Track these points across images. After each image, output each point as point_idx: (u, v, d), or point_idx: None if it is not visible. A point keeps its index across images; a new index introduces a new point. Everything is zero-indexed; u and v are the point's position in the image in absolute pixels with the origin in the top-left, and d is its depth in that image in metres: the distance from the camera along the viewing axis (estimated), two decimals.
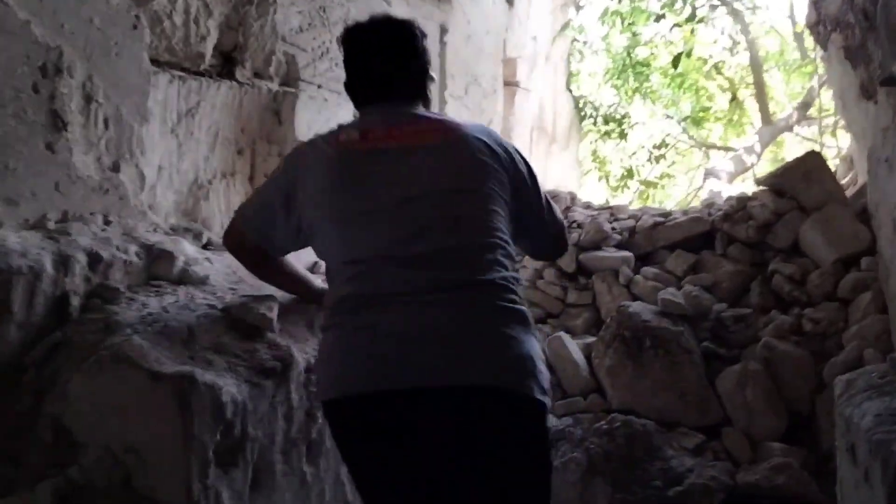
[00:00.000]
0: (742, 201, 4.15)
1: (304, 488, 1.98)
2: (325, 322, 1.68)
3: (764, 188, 4.07)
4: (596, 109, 9.88)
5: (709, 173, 8.45)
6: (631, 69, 10.66)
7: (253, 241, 1.83)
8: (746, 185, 7.65)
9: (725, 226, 4.09)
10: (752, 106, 11.20)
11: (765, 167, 9.05)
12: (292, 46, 2.92)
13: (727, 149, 10.42)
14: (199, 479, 1.56)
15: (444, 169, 1.66)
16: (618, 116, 10.08)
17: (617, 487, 2.82)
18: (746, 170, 8.70)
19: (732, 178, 8.35)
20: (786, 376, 3.18)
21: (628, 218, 4.51)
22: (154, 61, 2.23)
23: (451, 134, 1.70)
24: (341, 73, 1.86)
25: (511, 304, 1.58)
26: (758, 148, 9.13)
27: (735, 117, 11.53)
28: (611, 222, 4.40)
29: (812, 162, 3.87)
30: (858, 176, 4.11)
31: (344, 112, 3.25)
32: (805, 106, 9.42)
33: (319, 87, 3.06)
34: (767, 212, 3.95)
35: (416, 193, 1.62)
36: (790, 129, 9.70)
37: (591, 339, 3.71)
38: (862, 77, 3.34)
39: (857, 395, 2.18)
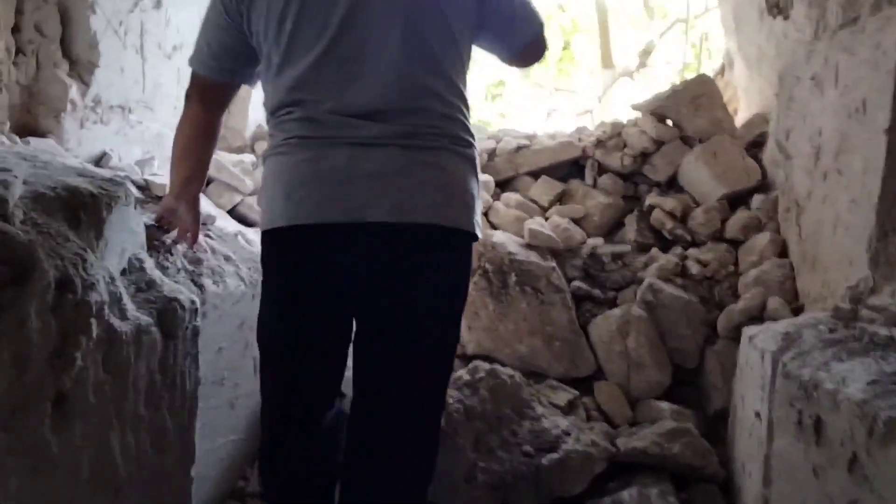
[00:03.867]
0: (617, 127, 3.65)
1: (43, 466, 1.24)
2: (267, 152, 1.69)
3: (642, 115, 3.57)
4: None
5: (551, 111, 8.13)
6: None
7: (199, 75, 1.85)
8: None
9: (598, 153, 3.58)
10: (585, 50, 10.97)
11: (603, 111, 8.86)
12: None
13: (567, 91, 10.17)
14: None
15: (402, 9, 1.61)
16: None
17: (479, 453, 2.23)
18: (587, 111, 8.47)
19: (576, 117, 8.06)
20: (672, 324, 2.71)
21: (487, 139, 3.90)
22: None
23: None
24: None
25: (457, 149, 1.66)
26: (599, 91, 8.96)
27: (565, 63, 11.30)
28: None
29: (703, 86, 3.40)
30: (746, 106, 3.72)
31: None
32: (645, 53, 9.43)
33: None
34: (646, 140, 3.47)
35: (373, 42, 1.60)
36: (630, 75, 9.59)
37: None
38: None
39: (812, 353, 1.69)
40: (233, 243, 2.19)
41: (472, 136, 1.72)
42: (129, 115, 2.42)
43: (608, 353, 2.70)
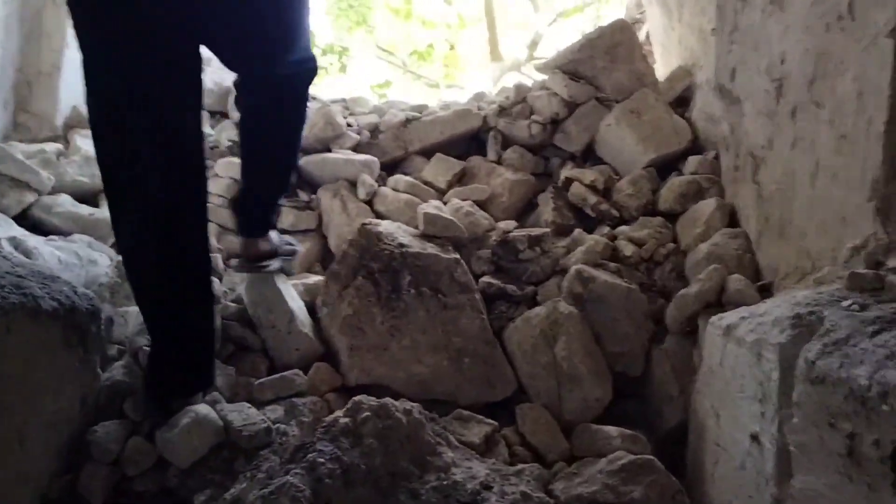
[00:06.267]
0: (522, 91, 3.08)
1: None
2: None
3: (551, 75, 2.99)
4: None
5: None
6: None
7: None
8: None
9: (501, 123, 2.99)
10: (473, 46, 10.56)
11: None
12: None
13: (458, 87, 9.71)
14: None
15: None
16: (338, 49, 9.30)
17: None
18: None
19: None
20: (610, 321, 2.11)
21: (369, 112, 3.27)
22: None
23: None
24: None
25: None
26: (489, 85, 8.54)
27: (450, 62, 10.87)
28: (345, 117, 3.13)
29: (621, 34, 2.84)
30: (664, 62, 3.19)
31: None
32: (534, 45, 9.14)
33: None
34: (556, 103, 2.89)
35: None
36: (518, 67, 9.20)
37: (315, 279, 2.42)
38: None
39: (856, 342, 1.10)
40: None
41: None
42: None
43: (531, 367, 2.08)
